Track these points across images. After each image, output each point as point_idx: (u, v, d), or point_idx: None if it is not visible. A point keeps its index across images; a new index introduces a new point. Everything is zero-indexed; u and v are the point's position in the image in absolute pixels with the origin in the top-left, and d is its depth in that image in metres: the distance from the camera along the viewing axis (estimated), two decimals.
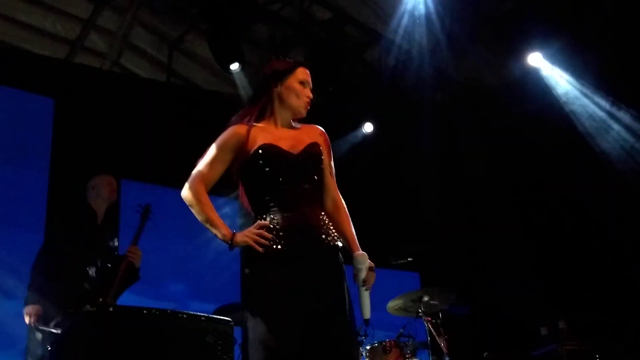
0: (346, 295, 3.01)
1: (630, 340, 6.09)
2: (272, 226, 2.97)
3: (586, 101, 7.69)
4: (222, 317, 2.52)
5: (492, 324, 7.73)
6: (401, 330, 6.23)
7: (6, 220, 6.42)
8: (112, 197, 5.28)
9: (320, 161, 3.17)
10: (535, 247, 8.18)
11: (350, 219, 3.23)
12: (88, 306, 4.20)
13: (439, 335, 5.93)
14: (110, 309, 2.29)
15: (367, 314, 3.06)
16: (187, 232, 7.26)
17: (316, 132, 3.26)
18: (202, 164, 3.12)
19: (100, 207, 5.20)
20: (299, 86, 3.20)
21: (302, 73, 3.23)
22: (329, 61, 7.97)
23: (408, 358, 5.89)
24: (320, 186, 3.17)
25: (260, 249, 2.93)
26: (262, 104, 3.21)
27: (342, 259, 3.08)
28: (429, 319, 6.02)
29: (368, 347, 5.85)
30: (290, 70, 3.22)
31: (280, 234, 2.96)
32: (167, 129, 7.53)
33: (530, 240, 8.22)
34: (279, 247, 2.94)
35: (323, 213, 3.12)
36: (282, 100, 3.20)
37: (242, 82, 7.83)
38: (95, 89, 7.50)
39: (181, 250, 7.52)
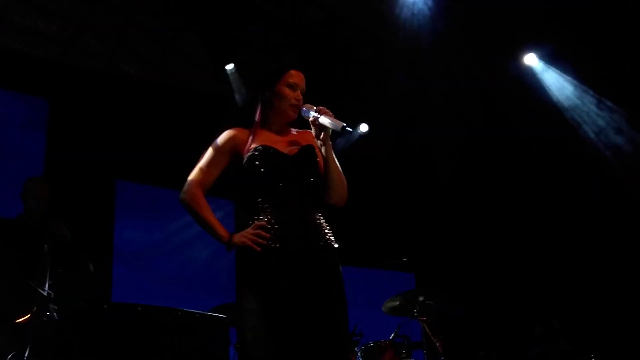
0: (343, 296, 3.01)
1: (624, 339, 6.09)
2: (269, 226, 3.00)
3: (582, 101, 7.71)
4: (217, 315, 2.51)
5: (487, 324, 7.73)
6: (396, 330, 6.22)
7: None
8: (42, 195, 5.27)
9: (315, 163, 3.19)
10: (529, 247, 8.19)
11: None
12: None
13: (434, 335, 5.91)
14: (105, 306, 2.27)
15: (339, 123, 3.00)
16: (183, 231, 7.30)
17: (311, 136, 3.25)
18: (198, 168, 3.17)
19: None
20: (288, 90, 3.21)
21: (291, 76, 3.23)
22: (322, 61, 7.98)
23: (403, 358, 5.88)
24: (315, 187, 3.18)
25: (258, 249, 2.95)
26: (255, 110, 3.25)
27: (339, 260, 3.08)
28: (424, 319, 6.00)
29: (363, 347, 5.84)
30: (279, 75, 3.23)
31: (278, 232, 2.99)
32: (161, 130, 7.53)
33: (525, 240, 8.23)
34: (277, 245, 2.97)
35: (319, 214, 3.13)
36: (271, 106, 3.23)
37: (236, 83, 7.83)
38: (89, 90, 7.49)
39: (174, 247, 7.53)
